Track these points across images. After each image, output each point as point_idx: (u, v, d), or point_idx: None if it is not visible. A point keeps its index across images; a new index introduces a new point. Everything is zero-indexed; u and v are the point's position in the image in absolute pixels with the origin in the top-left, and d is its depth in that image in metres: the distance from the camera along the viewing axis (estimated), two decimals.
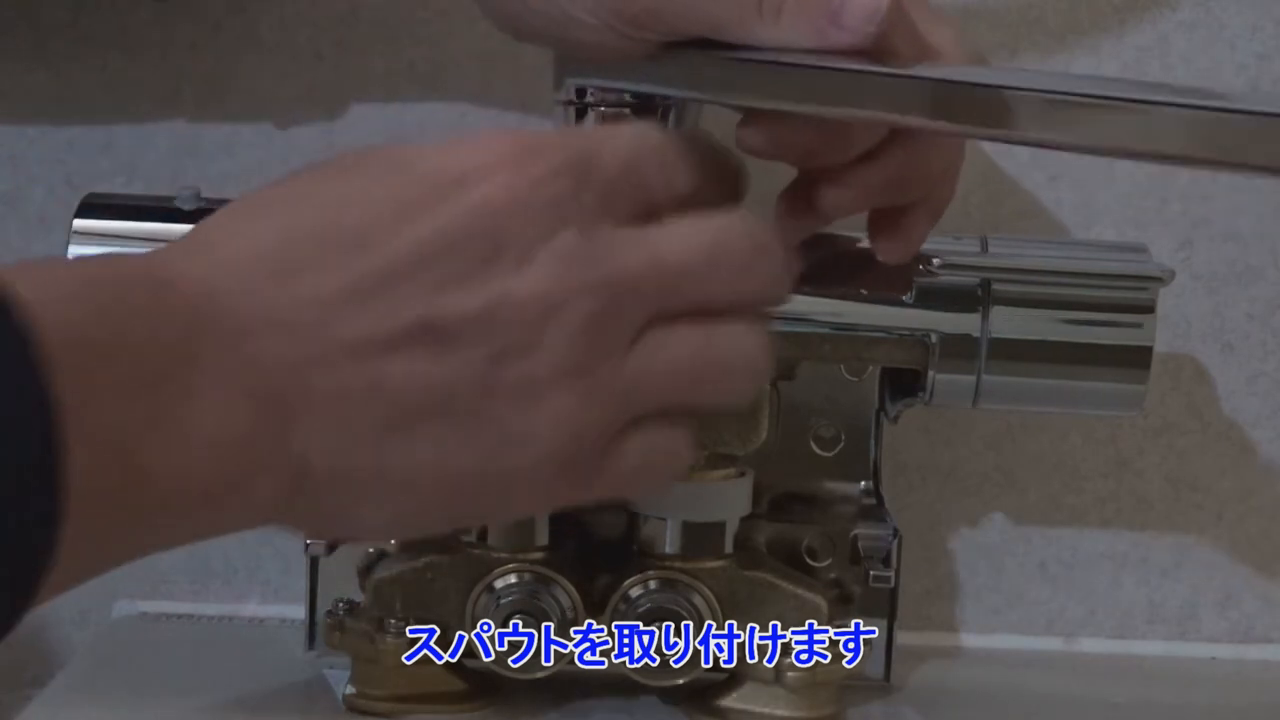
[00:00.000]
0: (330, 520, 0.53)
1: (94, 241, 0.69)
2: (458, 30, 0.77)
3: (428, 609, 0.67)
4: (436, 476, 0.52)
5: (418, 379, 0.51)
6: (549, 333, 0.51)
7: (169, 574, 0.80)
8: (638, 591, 0.66)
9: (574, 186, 0.52)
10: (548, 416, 0.52)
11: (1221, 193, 0.78)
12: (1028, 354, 0.68)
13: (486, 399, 0.51)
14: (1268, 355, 0.79)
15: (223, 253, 0.50)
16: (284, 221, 0.51)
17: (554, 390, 0.52)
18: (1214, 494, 0.80)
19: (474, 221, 0.51)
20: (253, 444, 0.49)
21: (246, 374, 0.49)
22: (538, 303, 0.51)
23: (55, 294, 0.46)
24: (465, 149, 0.52)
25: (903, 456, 0.79)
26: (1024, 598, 0.80)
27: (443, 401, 0.51)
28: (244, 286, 0.50)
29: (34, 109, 0.79)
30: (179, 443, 0.48)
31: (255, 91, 0.78)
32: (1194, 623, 0.80)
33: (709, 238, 0.54)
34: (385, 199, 0.51)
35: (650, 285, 0.53)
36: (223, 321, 0.49)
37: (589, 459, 0.53)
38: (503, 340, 0.51)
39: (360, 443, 0.51)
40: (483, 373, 0.51)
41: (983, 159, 0.77)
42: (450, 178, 0.51)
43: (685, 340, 0.54)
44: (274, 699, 0.70)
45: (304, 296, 0.50)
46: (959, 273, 0.68)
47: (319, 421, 0.50)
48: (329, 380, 0.50)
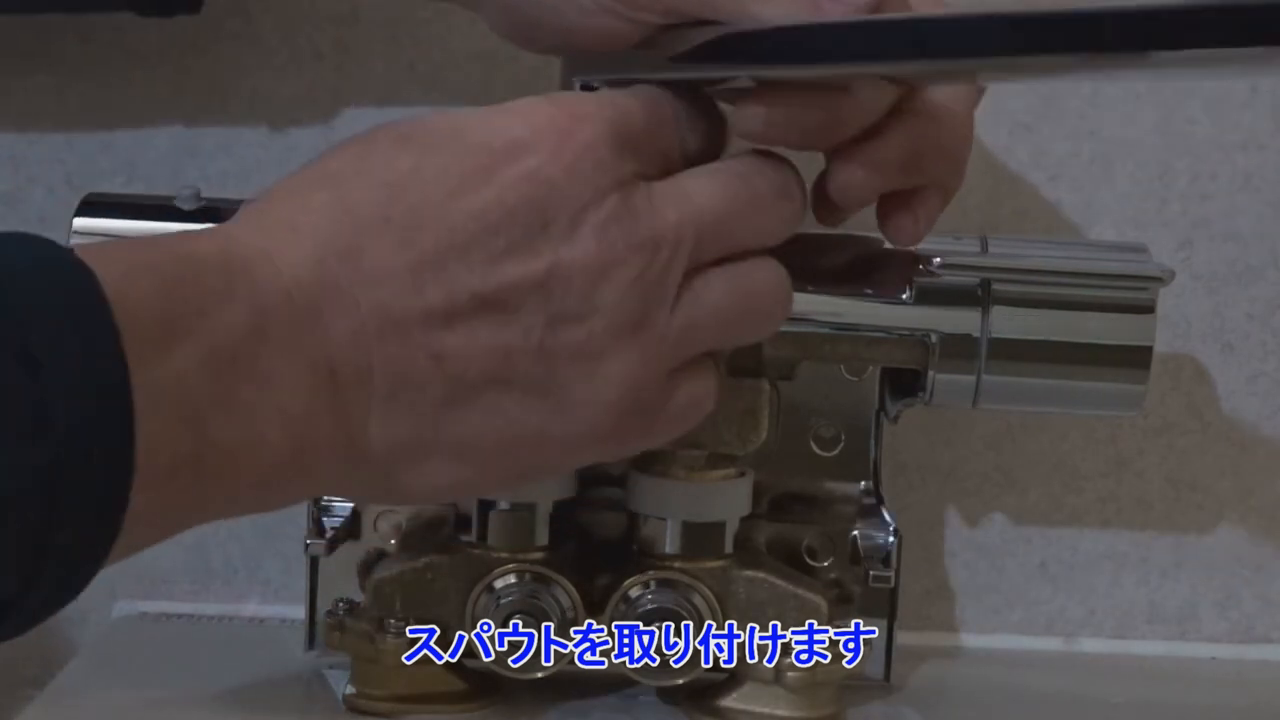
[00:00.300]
0: (391, 489, 0.55)
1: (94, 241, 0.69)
2: (458, 30, 0.77)
3: (428, 609, 0.67)
4: (498, 443, 0.54)
5: (478, 350, 0.52)
6: (602, 295, 0.53)
7: (169, 574, 0.80)
8: (638, 591, 0.66)
9: (615, 150, 0.54)
10: (608, 376, 0.54)
11: (1221, 193, 0.78)
12: (1028, 354, 0.68)
13: (547, 365, 0.53)
14: (1268, 355, 0.79)
15: (288, 231, 0.52)
16: (346, 198, 0.53)
17: (612, 350, 0.54)
18: (1214, 494, 0.80)
19: (524, 193, 0.53)
20: (317, 418, 0.51)
21: (311, 351, 0.51)
22: (589, 268, 0.53)
23: (128, 271, 0.48)
24: (512, 118, 0.54)
25: (903, 456, 0.79)
26: (1024, 598, 0.80)
27: (503, 370, 0.53)
28: (308, 265, 0.51)
29: (34, 109, 0.79)
30: (247, 417, 0.50)
31: (255, 91, 0.78)
32: (1194, 623, 0.80)
33: (734, 186, 0.56)
34: (440, 174, 0.53)
35: (689, 235, 0.55)
36: (289, 300, 0.51)
37: (649, 409, 0.56)
38: (558, 307, 0.53)
39: (422, 415, 0.53)
40: (541, 340, 0.53)
41: (983, 159, 0.77)
42: (499, 149, 0.53)
43: (722, 284, 0.56)
44: (274, 699, 0.70)
45: (366, 274, 0.52)
46: (959, 273, 0.68)
47: (381, 396, 0.52)
48: (391, 355, 0.52)
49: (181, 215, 0.69)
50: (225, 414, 0.49)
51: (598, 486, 0.69)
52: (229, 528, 0.80)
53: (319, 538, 0.70)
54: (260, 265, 0.51)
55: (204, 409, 0.48)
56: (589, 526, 0.70)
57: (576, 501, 0.69)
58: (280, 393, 0.50)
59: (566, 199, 0.53)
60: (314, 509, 0.70)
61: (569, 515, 0.69)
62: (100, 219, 0.69)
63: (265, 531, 0.80)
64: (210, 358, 0.49)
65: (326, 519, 0.70)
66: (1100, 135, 0.78)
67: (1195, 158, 0.78)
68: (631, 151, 0.55)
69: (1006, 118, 0.78)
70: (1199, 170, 0.78)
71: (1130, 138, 0.78)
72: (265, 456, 0.50)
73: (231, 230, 0.53)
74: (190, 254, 0.51)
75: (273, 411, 0.50)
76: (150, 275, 0.49)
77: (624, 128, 0.55)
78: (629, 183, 0.54)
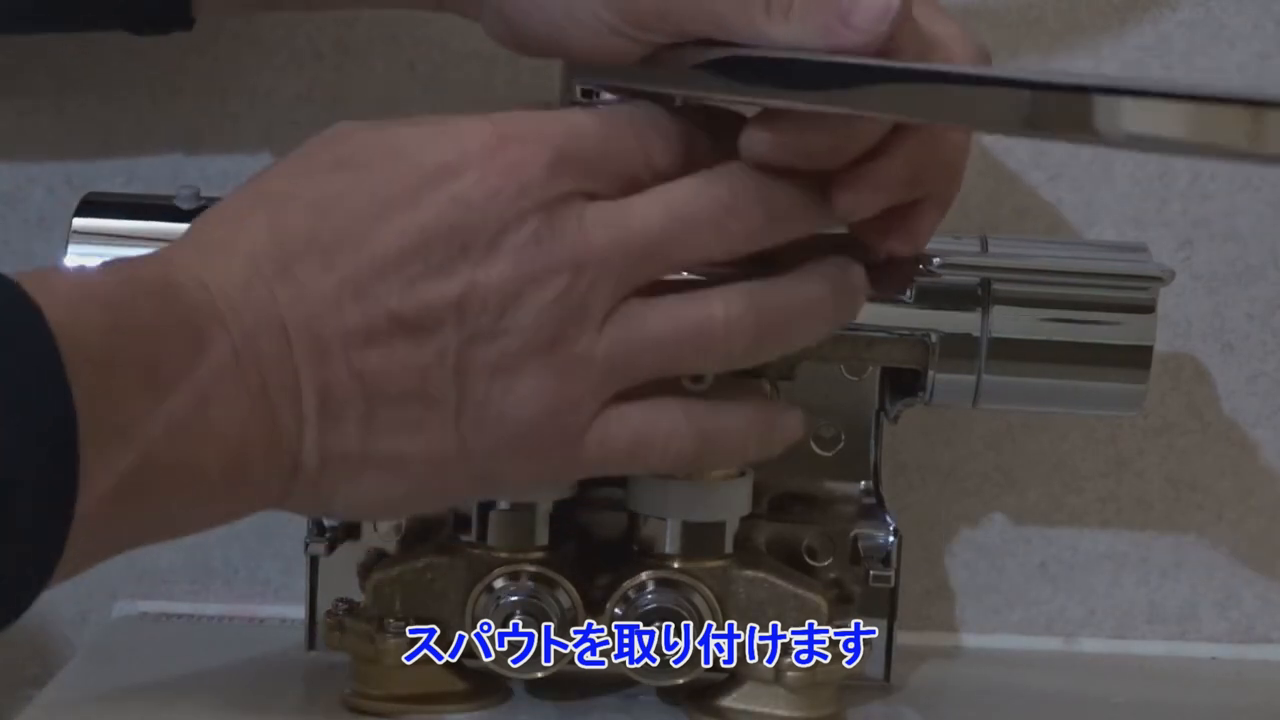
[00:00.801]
0: (328, 504, 0.56)
1: (94, 241, 0.69)
2: (458, 30, 0.76)
3: (428, 609, 0.67)
4: (423, 458, 0.55)
5: (396, 368, 0.54)
6: (515, 317, 0.54)
7: (169, 574, 0.80)
8: (637, 591, 0.66)
9: (547, 171, 0.54)
10: (522, 393, 0.55)
11: (1221, 192, 0.78)
12: (1028, 354, 0.68)
13: (461, 382, 0.54)
14: (1268, 355, 0.79)
15: (224, 257, 0.54)
16: (278, 220, 0.54)
17: (526, 368, 0.55)
18: (1214, 494, 0.80)
19: (445, 216, 0.54)
20: (253, 435, 0.53)
21: (246, 371, 0.52)
22: (503, 289, 0.54)
23: (72, 300, 0.49)
24: (445, 139, 0.55)
25: (903, 456, 0.79)
26: (1024, 598, 0.80)
27: (421, 387, 0.54)
28: (240, 288, 0.53)
29: (34, 109, 0.79)
30: (185, 437, 0.51)
31: (255, 91, 0.78)
32: (1194, 623, 0.80)
33: (669, 207, 0.56)
34: (369, 196, 0.54)
35: (617, 261, 0.55)
36: (223, 323, 0.52)
37: (571, 432, 0.56)
38: (472, 327, 0.54)
39: (350, 432, 0.54)
40: (456, 358, 0.54)
41: (983, 158, 0.77)
42: (428, 171, 0.54)
43: (662, 313, 0.56)
44: (274, 699, 0.70)
45: (292, 295, 0.53)
46: (959, 272, 0.68)
47: (311, 412, 0.54)
48: (316, 373, 0.54)
49: (181, 215, 0.69)
50: (165, 435, 0.50)
51: (598, 486, 0.69)
52: (229, 528, 0.79)
53: (319, 538, 0.70)
54: (195, 290, 0.52)
55: (143, 430, 0.50)
56: (589, 526, 0.70)
57: (576, 501, 0.68)
58: (217, 412, 0.52)
59: (486, 221, 0.54)
60: None
61: (569, 515, 0.69)
62: (100, 219, 0.69)
63: (265, 531, 0.80)
64: (149, 381, 0.50)
65: (326, 519, 0.70)
66: None
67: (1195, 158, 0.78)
68: (576, 171, 0.55)
69: None
70: (1199, 170, 0.78)
71: None
72: (205, 474, 0.52)
73: (171, 254, 0.54)
74: (132, 278, 0.52)
75: (210, 432, 0.52)
76: (93, 303, 0.50)
77: (568, 147, 0.55)
78: (560, 203, 0.55)
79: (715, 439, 0.59)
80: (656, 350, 0.56)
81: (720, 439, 0.59)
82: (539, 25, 0.60)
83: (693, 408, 0.58)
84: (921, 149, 0.57)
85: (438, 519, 0.70)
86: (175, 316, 0.52)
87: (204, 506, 0.54)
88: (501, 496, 0.66)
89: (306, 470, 0.54)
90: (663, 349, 0.56)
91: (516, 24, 0.62)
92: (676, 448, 0.58)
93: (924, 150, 0.58)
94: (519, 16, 0.61)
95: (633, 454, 0.57)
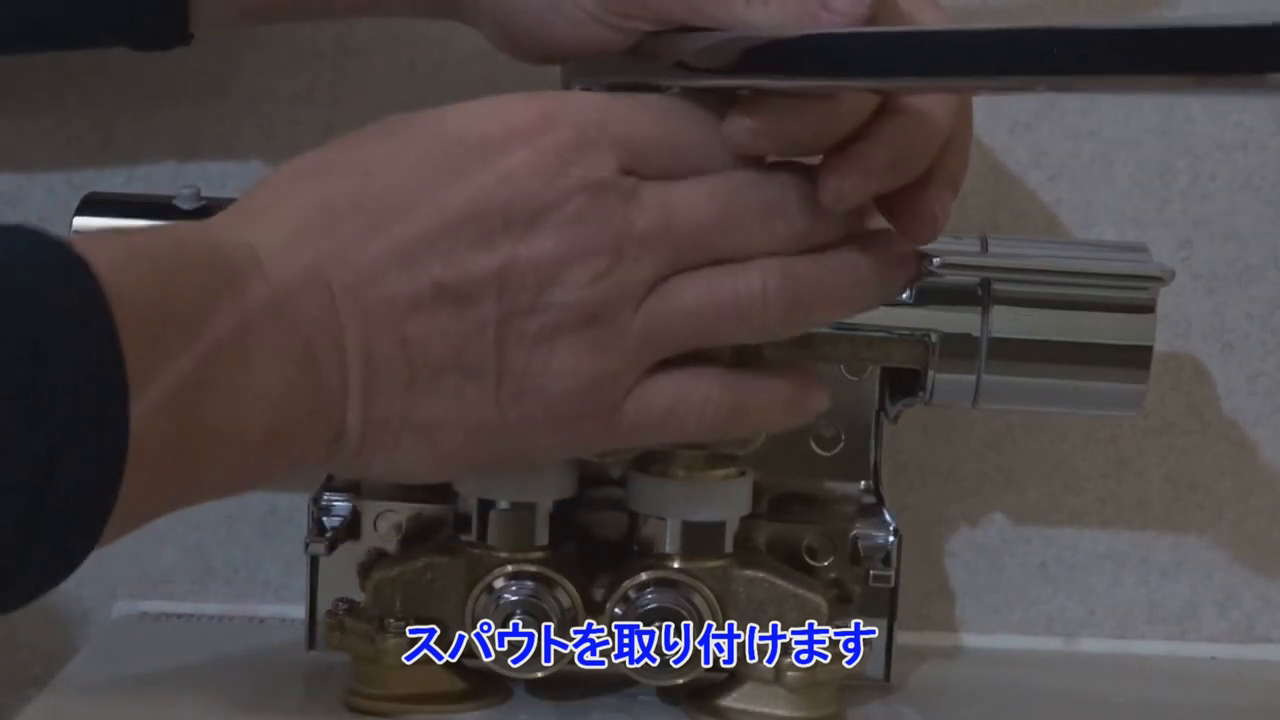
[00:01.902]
0: (366, 469, 0.58)
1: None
2: (458, 30, 0.76)
3: (428, 609, 0.67)
4: (461, 426, 0.56)
5: (437, 337, 0.55)
6: (554, 293, 0.55)
7: (169, 574, 0.80)
8: (637, 591, 0.66)
9: (594, 151, 0.55)
10: (561, 366, 0.56)
11: (1221, 192, 0.78)
12: (1028, 354, 0.68)
13: (501, 352, 0.55)
14: (1268, 355, 0.79)
15: (269, 219, 0.55)
16: (326, 185, 0.56)
17: (565, 342, 0.56)
18: (1214, 494, 0.80)
19: (490, 190, 0.55)
20: (297, 399, 0.54)
21: (290, 334, 0.53)
22: (543, 265, 0.55)
23: (121, 262, 0.50)
24: (491, 115, 0.56)
25: (903, 456, 0.79)
26: (1024, 598, 0.80)
27: (460, 357, 0.55)
28: (286, 251, 0.54)
29: (34, 108, 0.79)
30: (231, 401, 0.52)
31: (255, 91, 0.78)
32: (1194, 623, 0.80)
33: (720, 200, 0.57)
34: (417, 166, 0.55)
35: (659, 243, 0.56)
36: (269, 285, 0.53)
37: (608, 403, 0.57)
38: (511, 300, 0.55)
39: (387, 396, 0.55)
40: (496, 329, 0.55)
41: (983, 158, 0.77)
42: (474, 145, 0.55)
43: (697, 286, 0.57)
44: (274, 699, 0.70)
45: (338, 259, 0.54)
46: (959, 272, 0.68)
47: (355, 377, 0.55)
48: (361, 338, 0.54)
49: (181, 215, 0.69)
50: (211, 398, 0.51)
51: (598, 486, 0.69)
52: (229, 528, 0.80)
53: (319, 538, 0.70)
54: (241, 252, 0.53)
55: (191, 394, 0.51)
56: (589, 526, 0.70)
57: (576, 501, 0.69)
58: (263, 376, 0.53)
59: (529, 198, 0.55)
60: (314, 509, 0.70)
61: (569, 515, 0.69)
62: (100, 218, 0.70)
63: (265, 531, 0.80)
64: (196, 344, 0.51)
65: (326, 519, 0.70)
66: (1100, 135, 0.78)
67: (1195, 157, 0.78)
68: (622, 152, 0.56)
69: (1006, 118, 0.78)
70: (1199, 170, 0.78)
71: (1130, 137, 0.78)
72: (249, 438, 0.53)
73: (220, 219, 0.55)
74: (179, 244, 0.53)
75: (256, 395, 0.52)
76: (143, 266, 0.51)
77: (615, 129, 0.56)
78: (604, 184, 0.55)
79: (748, 407, 0.60)
80: (693, 321, 0.57)
81: (753, 407, 0.60)
82: (527, 23, 0.61)
83: (727, 375, 0.59)
84: (905, 130, 0.57)
85: (438, 519, 0.70)
86: (221, 280, 0.52)
87: (247, 467, 0.54)
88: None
89: (349, 436, 0.55)
90: (700, 320, 0.57)
91: (507, 26, 0.63)
92: (711, 416, 0.58)
93: (908, 131, 0.57)
94: (508, 18, 0.62)
95: (665, 422, 0.58)
